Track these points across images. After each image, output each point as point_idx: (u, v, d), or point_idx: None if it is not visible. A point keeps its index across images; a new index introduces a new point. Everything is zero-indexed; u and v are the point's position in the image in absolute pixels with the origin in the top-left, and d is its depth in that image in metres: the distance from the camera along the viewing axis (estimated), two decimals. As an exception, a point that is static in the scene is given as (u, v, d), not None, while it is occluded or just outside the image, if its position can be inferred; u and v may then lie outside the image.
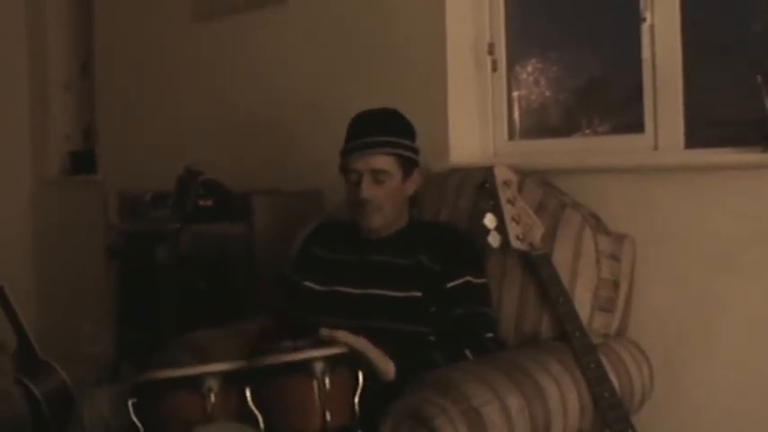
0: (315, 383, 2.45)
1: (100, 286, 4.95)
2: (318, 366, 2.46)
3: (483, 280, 3.01)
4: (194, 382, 2.51)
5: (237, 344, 3.14)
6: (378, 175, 2.97)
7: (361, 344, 2.65)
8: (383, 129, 3.01)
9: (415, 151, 3.07)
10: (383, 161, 2.97)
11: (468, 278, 2.95)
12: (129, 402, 2.53)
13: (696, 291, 3.11)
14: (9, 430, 3.79)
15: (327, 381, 2.45)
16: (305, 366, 2.46)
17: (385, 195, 2.98)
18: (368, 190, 2.96)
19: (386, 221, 3.03)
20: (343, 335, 2.62)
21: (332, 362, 2.49)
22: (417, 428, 2.46)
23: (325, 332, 2.63)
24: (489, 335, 2.93)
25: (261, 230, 3.93)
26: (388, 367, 2.68)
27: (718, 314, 3.06)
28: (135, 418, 2.52)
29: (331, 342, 2.59)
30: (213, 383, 2.50)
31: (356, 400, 2.52)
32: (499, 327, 3.02)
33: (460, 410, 2.46)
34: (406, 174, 3.03)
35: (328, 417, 2.44)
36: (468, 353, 2.82)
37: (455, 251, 3.01)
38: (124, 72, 5.36)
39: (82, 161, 5.89)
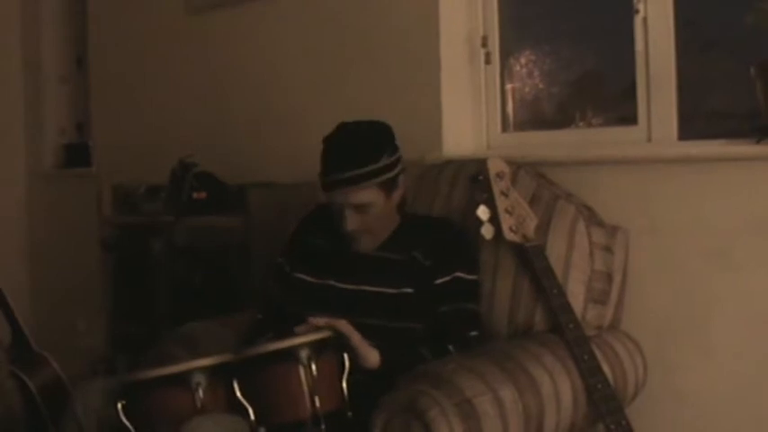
0: (301, 370, 2.45)
1: (94, 279, 4.95)
2: (304, 353, 2.46)
3: (474, 276, 2.99)
4: (182, 379, 2.50)
5: (233, 336, 3.14)
6: (360, 208, 2.90)
7: (345, 328, 2.65)
8: (357, 159, 2.88)
9: (395, 164, 2.96)
10: (363, 195, 2.88)
11: (459, 274, 2.94)
12: (119, 404, 2.52)
13: (689, 282, 3.11)
14: (3, 423, 3.79)
15: (314, 367, 2.46)
16: (290, 354, 2.47)
17: (370, 222, 2.94)
18: (352, 223, 2.91)
19: (375, 240, 2.99)
20: (325, 320, 2.63)
21: (317, 347, 2.49)
22: (411, 421, 2.46)
23: (302, 329, 2.65)
24: (474, 333, 2.91)
25: (255, 223, 3.93)
26: (370, 354, 2.67)
27: (712, 306, 3.07)
28: (125, 420, 2.52)
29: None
30: (201, 378, 2.50)
31: (344, 383, 2.52)
32: (492, 319, 3.02)
33: (454, 403, 2.46)
34: (390, 192, 2.95)
35: (317, 402, 2.45)
36: (451, 349, 2.81)
37: (448, 247, 2.99)
38: (118, 65, 5.35)
39: (76, 154, 5.89)
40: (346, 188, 2.88)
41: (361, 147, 2.92)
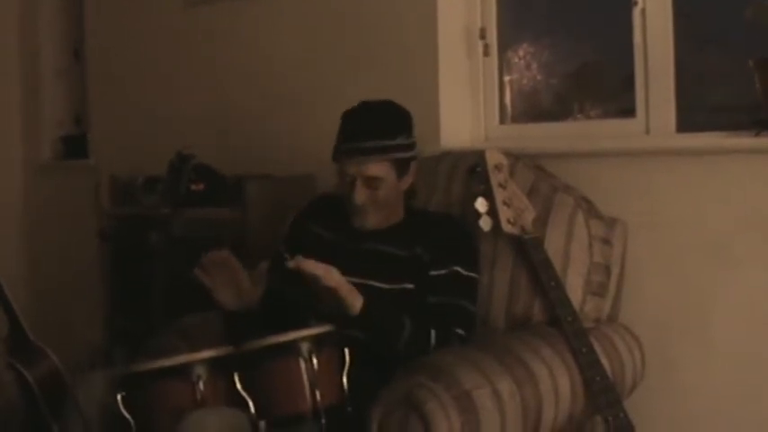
0: (302, 364, 2.46)
1: (92, 271, 4.95)
2: (305, 347, 2.46)
3: (473, 274, 2.96)
4: (183, 371, 2.50)
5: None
6: (371, 182, 2.90)
7: (333, 277, 2.67)
8: (375, 131, 2.92)
9: (411, 146, 3.00)
10: (376, 168, 2.90)
11: (457, 269, 2.92)
12: (118, 396, 2.52)
13: (687, 275, 3.12)
14: (1, 415, 3.79)
15: (315, 360, 2.46)
16: (291, 347, 2.47)
17: (379, 199, 2.93)
18: (361, 196, 2.91)
19: (379, 221, 2.98)
20: (312, 265, 2.65)
21: (318, 341, 2.49)
22: (408, 413, 2.46)
23: (292, 263, 2.65)
24: (459, 331, 2.85)
25: (253, 215, 3.93)
26: (355, 302, 2.69)
27: (710, 298, 3.07)
28: (125, 412, 2.52)
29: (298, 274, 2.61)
30: (202, 371, 2.50)
31: (344, 377, 2.52)
32: (490, 311, 3.02)
33: (452, 395, 2.47)
34: (401, 173, 2.97)
35: (318, 396, 2.45)
36: (432, 333, 2.78)
37: (449, 242, 2.97)
38: (116, 57, 5.33)
39: (74, 146, 5.87)
40: (360, 158, 2.90)
41: (380, 121, 2.97)
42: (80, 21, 5.68)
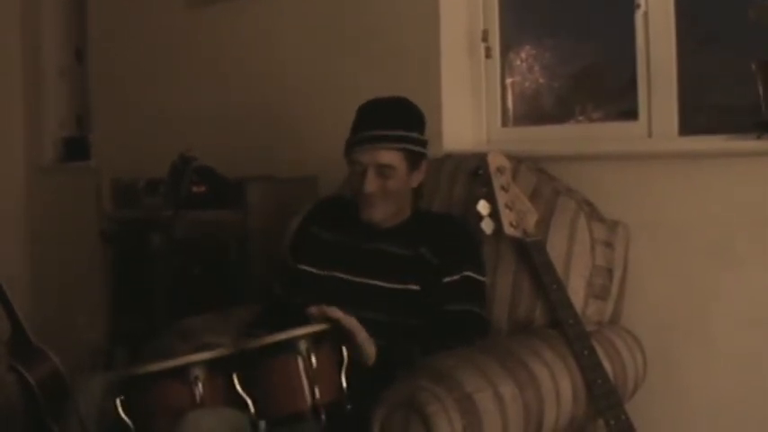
0: (301, 362, 2.45)
1: (94, 273, 4.95)
2: (303, 344, 2.46)
3: (483, 278, 2.99)
4: (180, 373, 2.50)
5: (232, 330, 3.14)
6: (383, 170, 2.91)
7: (351, 323, 2.65)
8: (391, 122, 2.95)
9: (423, 143, 3.01)
10: (389, 156, 2.91)
11: (468, 273, 2.93)
12: (117, 400, 2.51)
13: (690, 278, 3.11)
14: (2, 416, 3.79)
15: (313, 358, 2.45)
16: (289, 346, 2.46)
17: (389, 189, 2.93)
18: (371, 184, 2.91)
19: (387, 215, 2.98)
20: (333, 311, 2.64)
21: (316, 339, 2.49)
22: (410, 416, 2.46)
23: (314, 310, 2.65)
24: (478, 340, 2.88)
25: (255, 217, 3.93)
26: (371, 351, 2.68)
27: (712, 301, 3.06)
28: (124, 415, 2.51)
29: (319, 319, 2.60)
30: (200, 372, 2.49)
31: (343, 374, 2.52)
32: (492, 314, 3.02)
33: (454, 398, 2.46)
34: (412, 167, 2.98)
35: (317, 394, 2.44)
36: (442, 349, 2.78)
37: (456, 245, 2.98)
38: (118, 58, 5.34)
39: (75, 148, 5.88)
40: (375, 145, 2.92)
41: (395, 113, 2.99)
42: (82, 22, 5.69)
